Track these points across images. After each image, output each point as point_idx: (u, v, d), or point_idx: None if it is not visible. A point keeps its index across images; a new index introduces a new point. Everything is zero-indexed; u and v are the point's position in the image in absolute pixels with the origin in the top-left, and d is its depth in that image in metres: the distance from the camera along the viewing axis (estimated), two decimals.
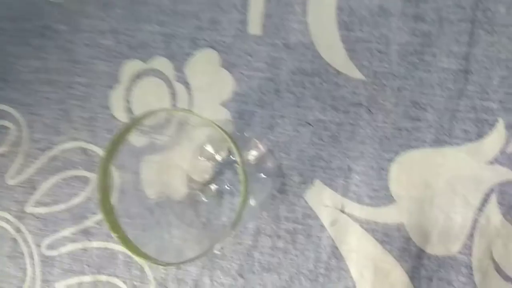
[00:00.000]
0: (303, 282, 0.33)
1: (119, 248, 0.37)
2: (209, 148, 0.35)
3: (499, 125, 0.31)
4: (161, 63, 0.36)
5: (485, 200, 0.31)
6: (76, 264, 0.38)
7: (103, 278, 0.37)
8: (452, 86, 0.32)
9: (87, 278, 0.37)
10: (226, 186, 0.35)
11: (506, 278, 0.31)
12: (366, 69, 0.33)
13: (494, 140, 0.31)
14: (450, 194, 0.31)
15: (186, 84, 0.36)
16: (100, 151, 0.37)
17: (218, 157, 0.35)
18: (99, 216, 0.37)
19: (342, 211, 0.33)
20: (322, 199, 0.33)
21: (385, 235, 0.32)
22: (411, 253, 0.32)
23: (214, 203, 0.35)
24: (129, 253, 0.25)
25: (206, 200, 0.35)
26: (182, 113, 0.31)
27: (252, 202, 0.32)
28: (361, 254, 0.33)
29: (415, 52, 0.32)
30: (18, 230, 0.39)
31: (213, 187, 0.35)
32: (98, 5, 0.37)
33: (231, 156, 0.35)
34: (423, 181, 0.32)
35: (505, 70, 0.31)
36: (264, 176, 0.34)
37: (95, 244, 0.37)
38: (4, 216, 0.39)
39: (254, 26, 0.34)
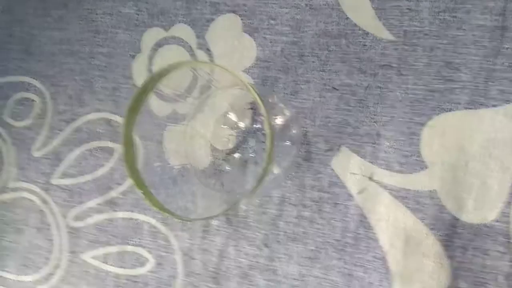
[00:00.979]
0: (330, 252, 0.33)
1: (144, 218, 0.37)
2: (232, 116, 0.35)
3: None
4: (182, 30, 0.35)
5: None
6: (102, 234, 0.38)
7: (129, 248, 0.37)
8: (487, 44, 0.30)
9: (113, 249, 0.37)
10: (249, 155, 0.34)
11: None
12: (396, 28, 0.31)
13: None
14: (486, 159, 0.30)
15: (208, 51, 0.35)
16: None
17: (241, 125, 0.34)
18: (124, 187, 0.37)
19: (371, 179, 0.32)
20: (349, 167, 0.32)
21: (416, 203, 0.31)
22: (445, 222, 0.30)
23: (238, 172, 0.35)
24: (154, 208, 0.24)
25: (229, 169, 0.35)
26: (206, 65, 0.30)
27: (276, 170, 0.31)
28: (391, 223, 0.31)
29: (448, 9, 0.30)
30: (45, 202, 0.39)
31: (237, 155, 0.35)
32: None
33: (254, 124, 0.34)
34: (457, 145, 0.30)
35: None
36: (289, 144, 0.33)
37: (121, 214, 0.37)
38: (31, 188, 0.40)
39: None
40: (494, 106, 0.30)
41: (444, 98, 0.30)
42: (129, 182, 0.37)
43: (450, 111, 0.30)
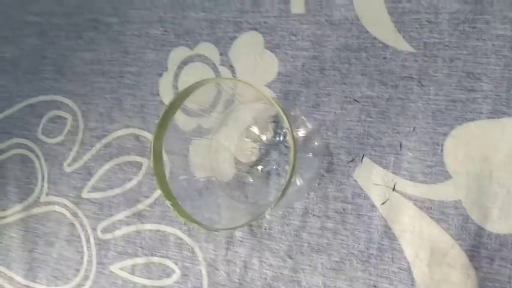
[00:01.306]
0: (354, 263, 0.33)
1: (171, 230, 0.38)
2: (255, 130, 0.36)
3: None
4: (207, 49, 0.37)
5: None
6: (130, 246, 0.39)
7: (155, 259, 0.38)
8: (508, 54, 0.30)
9: (140, 260, 0.38)
10: (272, 167, 0.35)
11: None
12: (416, 40, 0.31)
13: None
14: (511, 168, 0.29)
15: (231, 68, 0.36)
16: (151, 137, 0.38)
17: (264, 138, 0.35)
18: (152, 199, 0.38)
19: (394, 189, 0.32)
20: (371, 178, 0.32)
21: (441, 213, 0.31)
22: (470, 232, 0.30)
23: (261, 184, 0.35)
24: (182, 218, 0.25)
25: (253, 181, 0.35)
26: (230, 81, 0.31)
27: (299, 181, 0.31)
28: (416, 233, 0.31)
29: (467, 20, 0.31)
30: (75, 215, 0.41)
31: (260, 168, 0.35)
32: None
33: (276, 137, 0.35)
34: (481, 155, 0.30)
35: None
36: (311, 156, 0.34)
37: (148, 226, 0.38)
38: (62, 202, 0.41)
39: (297, 5, 0.34)
40: None
41: (466, 108, 0.30)
42: (156, 194, 0.38)
43: (472, 120, 0.30)
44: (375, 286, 0.32)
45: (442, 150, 0.31)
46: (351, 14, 0.33)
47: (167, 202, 0.26)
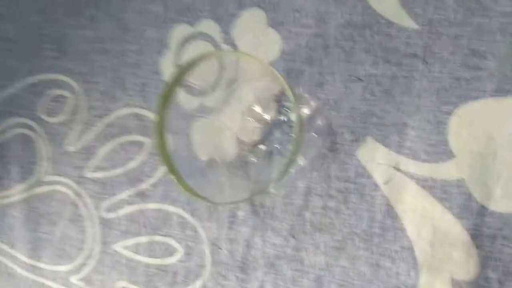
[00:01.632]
0: (357, 242, 0.33)
1: (174, 209, 0.38)
2: (257, 109, 0.35)
3: None
4: (208, 26, 0.37)
5: None
6: (133, 225, 0.39)
7: (158, 238, 0.38)
8: None
9: (143, 239, 0.39)
10: (275, 146, 0.35)
11: None
12: (421, 17, 0.31)
13: None
14: None
15: (233, 46, 0.36)
16: (152, 116, 0.38)
17: (267, 118, 0.35)
18: (154, 179, 0.39)
19: (397, 169, 0.32)
20: (375, 157, 0.32)
21: (443, 192, 0.31)
22: (473, 211, 0.30)
23: (264, 164, 0.35)
24: (186, 193, 0.26)
25: (256, 161, 0.35)
26: (234, 54, 0.31)
27: (301, 161, 0.31)
28: (418, 212, 0.32)
29: None
30: (78, 195, 0.41)
31: (263, 147, 0.35)
32: None
33: (279, 117, 0.35)
34: (485, 134, 0.30)
35: None
36: (314, 135, 0.34)
37: (151, 206, 0.39)
38: (65, 182, 0.42)
39: None
40: None
41: (471, 86, 0.30)
42: (159, 174, 0.38)
43: (477, 99, 0.30)
44: (377, 265, 0.32)
45: (446, 129, 0.31)
46: None
47: (172, 177, 0.26)
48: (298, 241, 0.34)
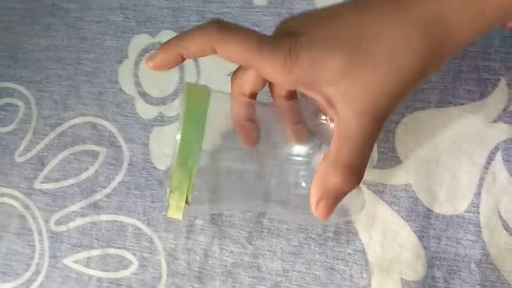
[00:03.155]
0: (312, 246, 0.35)
1: (129, 220, 0.38)
2: None
3: (501, 84, 0.33)
4: (169, 37, 0.38)
5: (490, 158, 0.32)
6: (85, 238, 0.39)
7: (112, 251, 0.38)
8: None
9: (95, 252, 0.39)
10: None
11: None
12: None
13: (497, 99, 0.33)
14: (456, 153, 0.33)
15: (194, 58, 0.38)
16: (108, 125, 0.39)
17: None
18: (109, 189, 0.39)
19: None
20: None
21: (392, 196, 0.34)
22: (419, 213, 0.33)
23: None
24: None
25: None
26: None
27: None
28: (370, 216, 0.34)
29: None
30: (26, 207, 0.40)
31: None
32: None
33: None
34: (429, 141, 0.33)
35: (504, 31, 0.33)
36: None
37: (104, 217, 0.39)
38: (12, 194, 0.41)
39: None
40: (461, 104, 0.33)
41: (416, 97, 0.34)
42: (114, 184, 0.39)
43: (422, 109, 0.34)
44: (331, 268, 0.34)
45: (393, 137, 0.34)
46: (311, 8, 0.35)
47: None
48: (256, 248, 0.36)
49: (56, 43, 0.40)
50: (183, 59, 0.25)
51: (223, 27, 0.24)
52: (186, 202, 0.25)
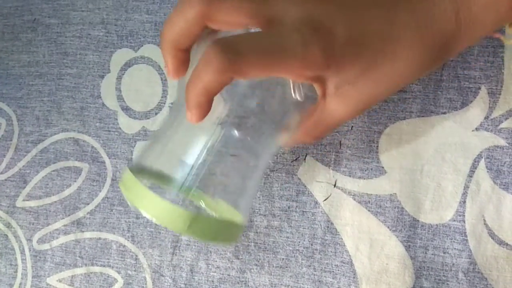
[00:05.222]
0: (300, 259, 0.35)
1: (113, 237, 0.39)
2: None
3: (482, 92, 0.34)
4: (151, 51, 0.39)
5: (474, 166, 0.33)
6: (69, 256, 0.39)
7: (96, 269, 0.39)
8: None
9: (80, 270, 0.39)
10: None
11: (500, 242, 0.33)
12: None
13: (478, 108, 0.34)
14: (440, 162, 0.34)
15: None
16: (91, 141, 0.40)
17: None
18: (92, 206, 0.39)
19: (335, 186, 0.35)
20: (314, 175, 0.36)
21: (378, 207, 0.34)
22: (405, 223, 0.34)
23: None
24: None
25: None
26: None
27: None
28: (356, 227, 0.35)
29: None
30: (8, 226, 0.41)
31: None
32: None
33: None
34: (413, 151, 0.34)
35: (483, 40, 0.34)
36: None
37: (88, 234, 0.39)
38: None
39: None
40: (443, 113, 0.34)
41: (398, 107, 0.35)
42: (97, 201, 0.39)
43: (404, 119, 0.35)
44: (319, 281, 0.35)
45: (377, 147, 0.35)
46: None
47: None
48: (243, 262, 0.36)
49: (37, 59, 0.41)
50: (187, 51, 0.26)
51: None
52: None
